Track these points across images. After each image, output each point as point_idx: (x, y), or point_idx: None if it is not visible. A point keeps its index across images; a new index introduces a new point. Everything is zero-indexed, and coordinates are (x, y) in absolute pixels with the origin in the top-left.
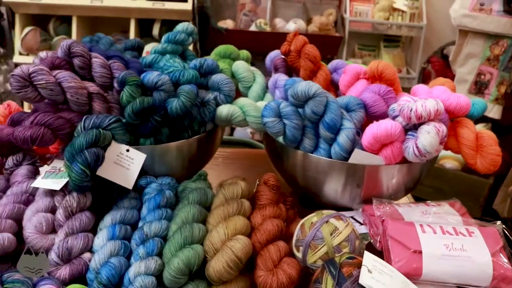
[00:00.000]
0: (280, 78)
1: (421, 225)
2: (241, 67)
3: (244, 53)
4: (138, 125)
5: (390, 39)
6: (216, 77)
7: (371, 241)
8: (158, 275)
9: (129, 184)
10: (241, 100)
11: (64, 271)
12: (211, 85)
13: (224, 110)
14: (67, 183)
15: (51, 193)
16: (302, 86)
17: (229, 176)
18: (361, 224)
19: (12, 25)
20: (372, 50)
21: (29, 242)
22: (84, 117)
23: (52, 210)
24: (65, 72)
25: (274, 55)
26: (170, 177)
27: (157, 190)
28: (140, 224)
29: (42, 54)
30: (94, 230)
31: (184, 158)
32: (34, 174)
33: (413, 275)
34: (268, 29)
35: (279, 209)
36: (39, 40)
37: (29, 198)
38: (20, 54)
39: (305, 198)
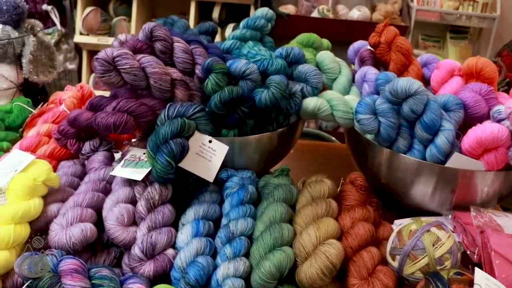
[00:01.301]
0: (370, 71)
1: None
2: (327, 57)
3: (325, 42)
4: (223, 116)
5: (457, 30)
6: (303, 68)
7: (468, 252)
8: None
9: (211, 177)
10: (329, 93)
11: (148, 268)
12: (297, 75)
13: (311, 103)
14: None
15: (130, 182)
16: (403, 82)
17: (304, 171)
18: (452, 231)
19: (74, 5)
20: (437, 41)
21: (111, 234)
22: (168, 105)
23: (132, 200)
24: (149, 56)
25: (358, 46)
26: (250, 170)
27: (239, 184)
28: (224, 221)
29: (122, 36)
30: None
31: (263, 152)
32: (111, 160)
33: None
34: (331, 15)
35: (368, 211)
36: (99, 21)
37: (106, 186)
38: (81, 34)
39: (384, 197)
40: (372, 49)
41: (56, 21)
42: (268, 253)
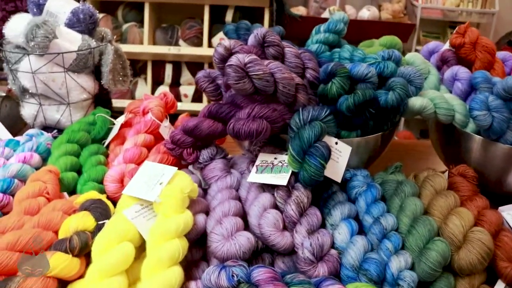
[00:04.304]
0: (461, 70)
1: None
2: (418, 58)
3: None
4: (348, 118)
5: (455, 26)
6: (406, 69)
7: None
8: None
9: (339, 177)
10: (431, 93)
11: (322, 270)
12: (401, 76)
13: (417, 102)
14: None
15: (263, 187)
16: None
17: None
18: None
19: None
20: (437, 37)
21: (272, 240)
22: (301, 109)
23: (274, 205)
24: (276, 62)
25: (432, 47)
26: (365, 169)
27: (365, 183)
28: (367, 218)
29: (225, 42)
30: None
31: (372, 151)
32: (229, 167)
33: None
34: None
35: (486, 200)
36: (111, 27)
37: (235, 193)
38: None
39: None
40: (452, 49)
41: None
42: (428, 244)
